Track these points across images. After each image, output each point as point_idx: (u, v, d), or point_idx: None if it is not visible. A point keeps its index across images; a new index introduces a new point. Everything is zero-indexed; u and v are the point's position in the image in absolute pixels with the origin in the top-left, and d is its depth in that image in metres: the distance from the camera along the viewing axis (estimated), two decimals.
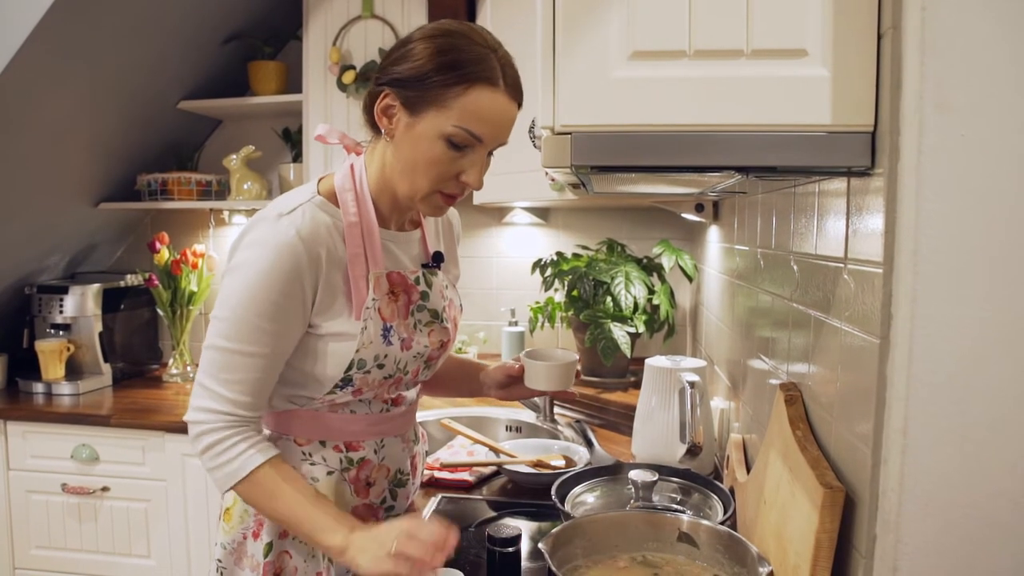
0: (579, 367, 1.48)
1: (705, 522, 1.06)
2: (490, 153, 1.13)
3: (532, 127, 1.32)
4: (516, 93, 1.09)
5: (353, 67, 2.47)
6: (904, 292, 0.71)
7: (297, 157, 2.78)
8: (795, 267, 1.10)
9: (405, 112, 1.08)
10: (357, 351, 1.14)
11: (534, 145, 1.28)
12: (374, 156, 1.18)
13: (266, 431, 1.23)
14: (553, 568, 0.94)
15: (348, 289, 1.14)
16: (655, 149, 0.78)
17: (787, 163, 0.78)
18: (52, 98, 2.19)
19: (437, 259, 1.31)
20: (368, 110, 1.15)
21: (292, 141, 2.83)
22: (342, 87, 2.48)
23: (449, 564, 1.03)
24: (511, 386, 1.48)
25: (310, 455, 1.21)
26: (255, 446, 1.11)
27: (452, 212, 1.41)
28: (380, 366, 1.17)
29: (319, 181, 1.20)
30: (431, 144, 1.07)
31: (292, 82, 2.73)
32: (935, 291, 0.71)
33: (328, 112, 2.53)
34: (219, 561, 1.24)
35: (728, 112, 0.77)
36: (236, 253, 1.13)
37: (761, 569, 0.92)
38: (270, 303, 1.08)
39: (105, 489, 2.35)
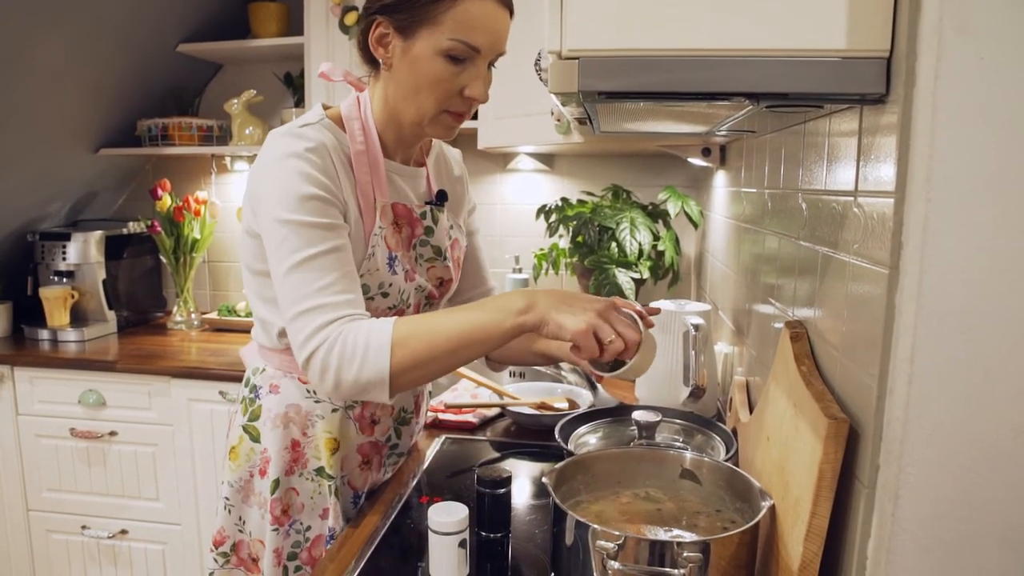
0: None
1: (708, 459, 1.07)
2: (491, 66, 1.13)
3: (538, 60, 1.30)
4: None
5: (355, 8, 2.41)
6: (915, 221, 0.70)
7: (299, 102, 2.75)
8: (803, 205, 1.08)
9: (399, 37, 1.08)
10: (362, 276, 1.13)
11: (540, 78, 1.25)
12: (376, 90, 1.17)
13: (270, 369, 1.24)
14: (557, 502, 0.94)
15: (358, 213, 1.14)
16: (664, 74, 0.76)
17: (800, 89, 0.75)
18: (45, 39, 2.15)
19: (440, 198, 1.30)
20: (363, 44, 1.14)
21: (294, 86, 2.79)
22: (344, 29, 2.43)
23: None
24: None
25: (314, 392, 1.21)
26: (377, 320, 1.03)
27: (451, 152, 1.40)
28: (384, 295, 1.18)
29: (324, 108, 1.19)
30: (430, 63, 1.07)
31: (294, 24, 2.69)
32: (947, 220, 0.69)
33: (330, 55, 2.49)
34: (226, 499, 1.26)
35: (739, 36, 0.74)
36: (262, 175, 1.08)
37: (763, 503, 0.93)
38: (317, 200, 1.05)
39: (113, 433, 2.38)
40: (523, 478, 1.39)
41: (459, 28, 1.05)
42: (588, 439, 1.35)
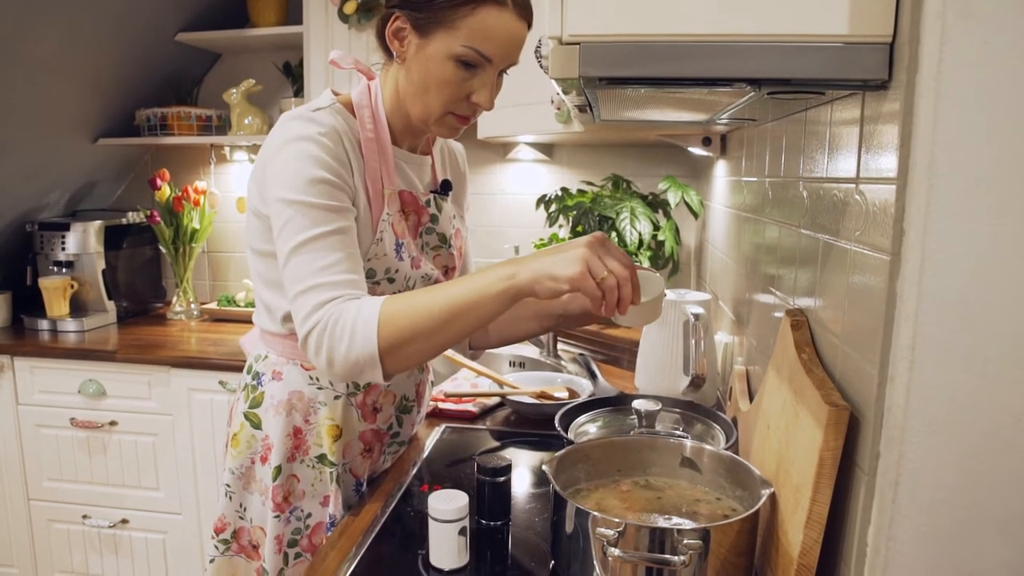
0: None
1: (708, 447, 1.07)
2: (502, 73, 1.13)
3: (538, 47, 1.29)
4: (525, 12, 1.08)
5: None
6: (917, 207, 0.70)
7: (298, 92, 2.74)
8: (804, 193, 1.08)
9: (415, 34, 1.08)
10: (368, 260, 1.14)
11: (540, 66, 1.25)
12: (388, 78, 1.18)
13: (273, 356, 1.24)
14: (557, 489, 0.94)
15: (366, 198, 1.15)
16: (666, 60, 0.75)
17: (801, 75, 0.75)
18: (43, 29, 2.14)
19: (445, 187, 1.31)
20: (380, 34, 1.15)
21: (293, 75, 2.79)
22: (344, 18, 2.42)
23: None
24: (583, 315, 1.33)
25: (318, 379, 1.22)
26: (368, 298, 1.02)
27: (458, 147, 1.41)
28: (391, 280, 1.18)
29: (335, 94, 1.19)
30: (441, 65, 1.07)
31: (293, 13, 2.68)
32: (949, 205, 0.69)
33: (329, 44, 2.48)
34: (227, 486, 1.26)
35: (741, 21, 0.74)
36: (272, 157, 1.09)
37: (763, 491, 0.93)
38: (326, 184, 1.06)
39: (113, 423, 2.39)
40: (523, 467, 1.39)
41: (474, 36, 1.05)
42: (588, 428, 1.35)
